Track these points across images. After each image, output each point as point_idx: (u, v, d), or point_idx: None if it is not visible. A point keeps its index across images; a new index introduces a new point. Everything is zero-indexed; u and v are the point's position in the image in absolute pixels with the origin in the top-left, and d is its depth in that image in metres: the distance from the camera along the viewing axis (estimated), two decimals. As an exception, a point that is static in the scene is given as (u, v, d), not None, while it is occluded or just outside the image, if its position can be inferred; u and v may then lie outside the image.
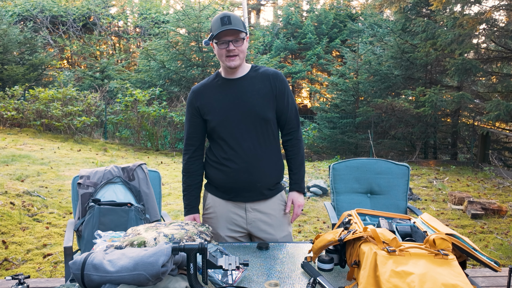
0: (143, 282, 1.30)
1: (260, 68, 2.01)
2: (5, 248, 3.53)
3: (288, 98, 2.02)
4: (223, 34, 1.83)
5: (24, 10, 16.32)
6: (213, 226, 2.03)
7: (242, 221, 2.01)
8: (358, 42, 11.97)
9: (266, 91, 1.95)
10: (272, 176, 2.00)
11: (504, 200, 5.86)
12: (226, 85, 1.96)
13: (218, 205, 2.03)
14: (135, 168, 2.42)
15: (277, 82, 1.98)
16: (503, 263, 3.65)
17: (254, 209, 2.00)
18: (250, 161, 1.93)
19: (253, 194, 1.99)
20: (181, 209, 4.99)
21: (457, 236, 1.45)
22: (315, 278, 1.46)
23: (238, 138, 1.93)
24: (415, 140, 10.65)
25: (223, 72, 1.99)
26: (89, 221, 2.14)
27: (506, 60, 9.03)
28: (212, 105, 1.95)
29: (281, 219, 2.05)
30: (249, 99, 1.93)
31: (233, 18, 1.83)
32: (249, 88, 1.94)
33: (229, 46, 1.84)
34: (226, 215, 2.01)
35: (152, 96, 10.86)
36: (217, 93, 1.96)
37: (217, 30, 1.82)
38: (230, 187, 1.98)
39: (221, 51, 1.87)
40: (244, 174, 1.93)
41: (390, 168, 2.75)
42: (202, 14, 11.63)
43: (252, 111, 1.92)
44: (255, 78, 1.97)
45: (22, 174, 5.82)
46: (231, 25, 1.81)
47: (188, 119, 2.03)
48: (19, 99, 10.17)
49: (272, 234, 2.01)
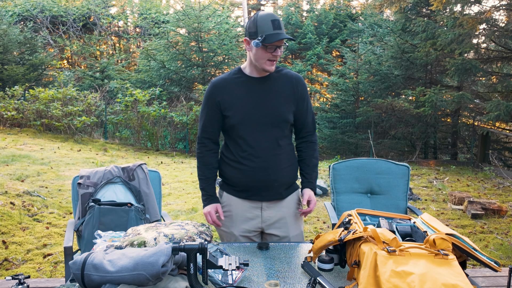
0: (143, 282, 1.31)
1: (282, 70, 2.01)
2: (5, 248, 3.53)
3: (307, 102, 2.03)
4: (276, 40, 1.82)
5: (24, 10, 16.32)
6: (228, 225, 2.02)
7: (258, 220, 2.01)
8: (358, 42, 11.98)
9: (288, 93, 1.96)
10: (289, 175, 2.01)
11: (504, 200, 5.86)
12: (249, 83, 1.95)
13: (234, 203, 2.02)
14: (135, 168, 2.42)
15: (299, 85, 1.99)
16: (503, 263, 3.65)
17: (270, 207, 2.00)
18: (268, 161, 1.93)
19: (270, 194, 1.99)
20: (181, 209, 4.99)
21: (457, 236, 1.45)
22: (315, 278, 1.46)
23: (258, 137, 1.93)
24: (415, 140, 10.65)
25: (249, 71, 1.96)
26: (89, 221, 2.14)
27: (506, 60, 9.03)
28: (233, 102, 1.93)
29: (296, 217, 2.06)
30: (271, 99, 1.93)
31: (281, 22, 1.84)
32: (272, 88, 1.94)
33: (276, 52, 1.84)
34: (241, 214, 2.01)
35: (152, 96, 10.86)
36: (239, 90, 1.94)
37: (268, 32, 1.80)
38: (247, 186, 1.97)
39: (266, 54, 1.84)
40: (262, 173, 1.93)
41: (390, 168, 2.75)
42: (202, 14, 11.63)
43: (274, 111, 1.92)
44: (278, 79, 1.97)
45: (22, 174, 5.82)
46: (283, 31, 1.82)
47: (206, 112, 1.99)
48: (19, 99, 10.18)
49: (286, 232, 2.02)
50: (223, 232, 2.06)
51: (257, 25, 1.83)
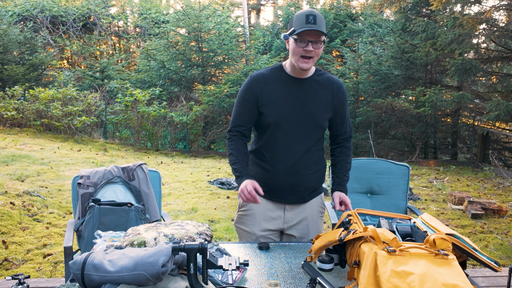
0: (143, 282, 1.30)
1: (324, 74, 1.96)
2: (5, 248, 3.53)
3: (346, 110, 2.01)
4: (305, 33, 1.77)
5: (24, 10, 16.32)
6: (249, 224, 1.99)
7: (280, 220, 1.99)
8: (358, 42, 11.97)
9: (327, 99, 1.93)
10: (316, 180, 1.99)
11: (504, 200, 5.86)
12: (290, 83, 1.90)
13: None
14: (135, 168, 2.42)
15: (339, 92, 1.96)
16: (503, 263, 3.65)
17: (293, 209, 1.99)
18: (297, 166, 1.90)
19: (294, 198, 1.97)
20: (181, 209, 4.99)
21: (457, 236, 1.45)
22: (315, 278, 1.46)
23: (291, 140, 1.89)
24: (415, 140, 10.65)
25: (289, 69, 1.91)
26: (89, 221, 2.14)
27: (506, 60, 9.03)
28: (272, 99, 1.88)
29: (318, 219, 2.05)
30: (310, 103, 1.89)
31: (319, 18, 1.76)
32: (312, 92, 1.90)
33: (308, 47, 1.78)
34: (264, 214, 1.98)
35: (152, 96, 10.86)
36: (279, 89, 1.89)
37: (300, 26, 1.75)
38: (273, 187, 1.93)
39: (298, 50, 1.79)
40: (289, 177, 1.91)
41: (390, 168, 2.75)
42: (202, 14, 11.63)
43: (311, 116, 1.89)
44: (319, 83, 1.93)
45: (22, 174, 5.82)
46: (316, 26, 1.74)
47: (243, 105, 1.92)
48: (19, 99, 10.17)
49: (305, 234, 2.01)
50: (243, 231, 2.01)
51: (293, 20, 1.81)
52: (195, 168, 7.87)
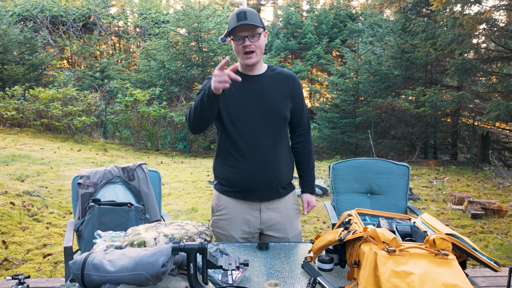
0: (143, 282, 1.30)
1: (276, 69, 2.02)
2: (5, 248, 3.53)
3: (303, 100, 2.05)
4: (238, 30, 1.81)
5: (24, 10, 16.32)
6: (226, 228, 2.00)
7: (256, 222, 1.99)
8: (358, 42, 11.97)
9: (284, 91, 1.97)
10: (287, 174, 2.01)
11: (504, 200, 5.86)
12: (246, 81, 1.93)
13: (232, 206, 1.99)
14: (135, 168, 2.42)
15: (294, 84, 2.00)
16: (503, 263, 3.65)
17: (268, 208, 1.99)
18: (268, 159, 1.92)
19: (269, 193, 1.97)
20: (181, 209, 4.99)
21: (457, 236, 1.45)
22: (315, 278, 1.46)
23: (257, 135, 1.91)
24: (415, 140, 10.65)
25: (241, 68, 1.96)
26: (89, 221, 2.14)
27: (506, 60, 9.03)
28: (231, 97, 1.91)
29: (294, 218, 2.06)
30: (269, 97, 1.93)
31: (249, 13, 1.82)
32: (269, 86, 1.95)
33: (245, 42, 1.83)
34: (240, 216, 1.98)
35: (152, 96, 10.86)
36: (235, 87, 1.90)
37: (233, 25, 1.81)
38: (246, 185, 1.95)
39: (238, 47, 1.86)
40: (261, 172, 1.92)
41: (390, 168, 2.75)
42: (202, 14, 11.63)
43: (273, 109, 1.92)
44: (274, 77, 1.97)
45: (22, 174, 5.82)
46: (247, 20, 1.79)
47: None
48: (19, 99, 10.18)
49: (285, 233, 2.01)
50: (222, 235, 2.02)
51: (228, 22, 1.86)
52: (195, 168, 7.87)
